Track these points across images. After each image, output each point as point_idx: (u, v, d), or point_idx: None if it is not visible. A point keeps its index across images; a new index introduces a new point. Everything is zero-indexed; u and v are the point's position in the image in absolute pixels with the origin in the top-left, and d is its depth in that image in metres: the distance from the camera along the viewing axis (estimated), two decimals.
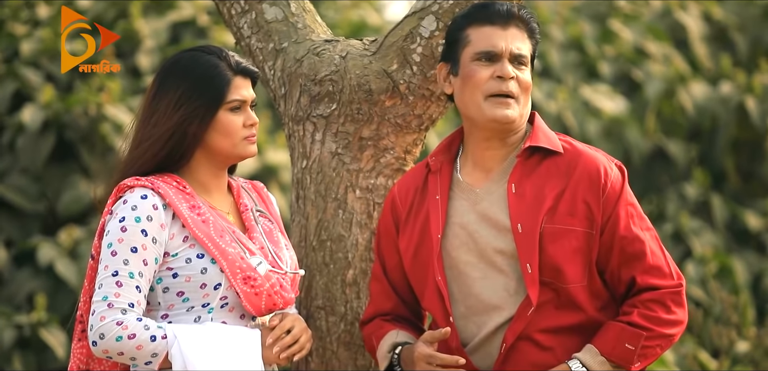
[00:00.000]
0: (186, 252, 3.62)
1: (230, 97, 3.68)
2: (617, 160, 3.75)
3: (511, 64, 3.68)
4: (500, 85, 3.67)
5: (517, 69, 3.68)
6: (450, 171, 3.80)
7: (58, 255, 7.27)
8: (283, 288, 3.71)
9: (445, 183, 3.78)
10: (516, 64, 3.68)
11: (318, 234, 4.13)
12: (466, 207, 3.74)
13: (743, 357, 7.09)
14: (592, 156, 3.71)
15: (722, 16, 11.33)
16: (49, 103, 7.70)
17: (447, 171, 3.80)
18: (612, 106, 10.07)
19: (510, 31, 3.69)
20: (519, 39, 3.69)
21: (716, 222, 9.71)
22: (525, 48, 3.70)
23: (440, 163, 3.81)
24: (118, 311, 3.53)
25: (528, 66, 3.70)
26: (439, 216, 3.74)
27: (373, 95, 4.07)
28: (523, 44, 3.70)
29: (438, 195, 3.77)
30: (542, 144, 3.70)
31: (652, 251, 3.67)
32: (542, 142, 3.71)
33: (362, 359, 4.13)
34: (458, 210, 3.75)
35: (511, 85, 3.67)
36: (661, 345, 3.66)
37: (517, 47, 3.68)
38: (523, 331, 3.65)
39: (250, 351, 3.61)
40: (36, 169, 7.64)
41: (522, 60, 3.69)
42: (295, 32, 4.20)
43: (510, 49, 3.67)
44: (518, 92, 3.68)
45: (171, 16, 9.01)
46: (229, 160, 3.75)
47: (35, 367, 6.99)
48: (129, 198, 3.60)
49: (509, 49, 3.67)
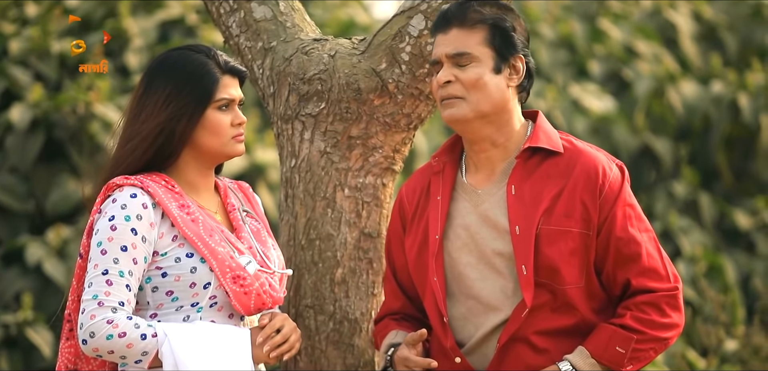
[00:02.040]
0: (175, 251, 3.62)
1: (218, 96, 3.68)
2: (619, 160, 3.73)
3: (453, 65, 3.66)
4: (441, 91, 3.68)
5: (460, 69, 3.66)
6: (453, 171, 3.80)
7: (46, 254, 7.25)
8: (272, 287, 3.71)
9: (447, 184, 3.78)
10: (456, 65, 3.66)
11: (307, 233, 4.13)
12: (469, 208, 3.74)
13: (732, 356, 7.10)
14: (591, 156, 3.69)
15: (712, 16, 11.35)
16: (38, 102, 7.68)
17: (450, 171, 3.79)
18: (600, 105, 10.08)
19: (451, 34, 3.68)
20: (459, 39, 3.66)
21: (705, 221, 9.72)
22: (467, 45, 3.65)
23: (443, 164, 3.81)
24: (109, 309, 3.53)
25: (475, 60, 3.65)
26: (439, 217, 3.74)
27: (362, 94, 4.06)
28: (465, 41, 3.65)
29: (439, 196, 3.77)
30: (542, 144, 3.69)
31: (648, 253, 3.66)
32: (542, 142, 3.69)
33: (351, 357, 4.13)
34: (461, 211, 3.75)
35: (449, 89, 3.66)
36: (655, 348, 3.65)
37: (453, 48, 3.66)
38: (518, 333, 3.64)
39: (241, 350, 3.61)
40: (24, 168, 7.62)
41: (461, 58, 3.65)
42: (283, 31, 4.19)
43: (445, 53, 3.67)
44: (462, 91, 3.66)
45: (159, 15, 9.00)
46: (217, 158, 3.75)
47: (22, 366, 6.98)
48: (118, 196, 3.60)
49: (445, 53, 3.67)
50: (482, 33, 3.66)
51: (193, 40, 8.58)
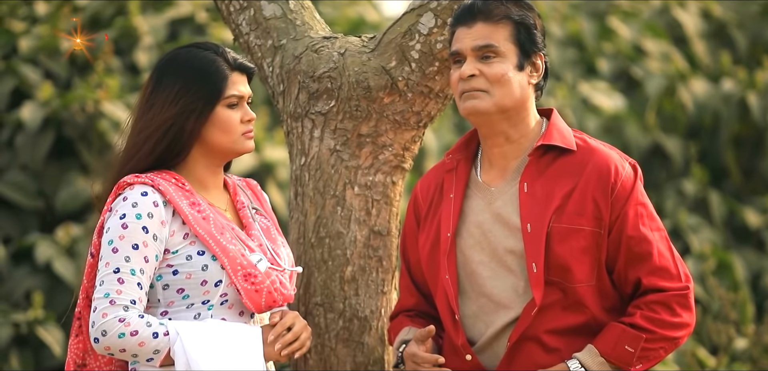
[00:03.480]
0: (186, 249, 3.62)
1: (228, 93, 3.68)
2: (632, 159, 3.72)
3: (478, 59, 3.65)
4: (464, 84, 3.67)
5: (484, 63, 3.65)
6: (467, 169, 3.79)
7: (55, 253, 7.25)
8: (283, 285, 3.71)
9: (460, 181, 3.77)
10: (482, 58, 3.66)
11: (316, 231, 4.13)
12: (482, 206, 3.74)
13: (742, 355, 7.08)
14: (604, 154, 3.68)
15: (721, 14, 11.33)
16: (48, 101, 7.69)
17: (464, 169, 3.79)
18: (610, 104, 10.07)
19: (476, 28, 3.67)
20: (484, 32, 3.66)
21: (715, 219, 9.70)
22: (494, 38, 3.65)
23: (457, 161, 3.81)
24: (121, 308, 3.53)
25: (500, 55, 3.65)
26: (452, 214, 3.74)
27: (372, 92, 4.06)
28: (492, 35, 3.65)
29: (452, 194, 3.77)
30: (555, 142, 3.68)
31: (659, 252, 3.64)
32: (555, 139, 3.69)
33: (361, 355, 4.13)
34: (474, 209, 3.75)
35: (473, 82, 3.65)
36: (665, 347, 3.64)
37: (480, 40, 3.65)
38: (529, 331, 3.64)
39: (253, 348, 3.61)
40: (34, 166, 7.63)
41: (488, 51, 3.65)
42: (293, 29, 4.19)
43: (471, 46, 3.66)
44: (487, 85, 3.66)
45: (169, 13, 9.00)
46: (227, 155, 3.75)
47: (32, 365, 6.98)
48: (129, 195, 3.60)
49: (470, 46, 3.66)
50: (508, 29, 3.67)
51: (202, 38, 8.57)
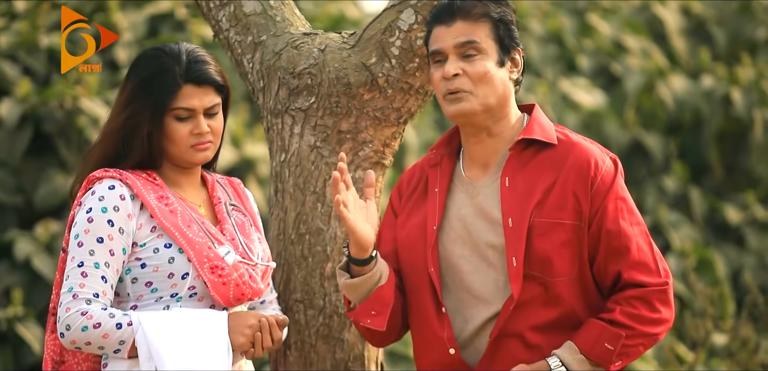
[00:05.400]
0: (154, 242, 3.64)
1: (174, 106, 3.68)
2: (612, 153, 3.72)
3: (460, 57, 3.64)
4: (447, 84, 3.66)
5: (467, 61, 3.65)
6: (451, 164, 3.79)
7: (35, 249, 7.23)
8: (253, 278, 3.73)
9: (445, 176, 3.77)
10: (464, 56, 3.65)
11: (296, 228, 4.12)
12: (465, 200, 3.73)
13: (721, 350, 7.11)
14: (585, 148, 3.68)
15: (701, 10, 11.36)
16: (27, 97, 7.66)
17: (448, 164, 3.79)
18: (590, 100, 10.09)
19: (455, 26, 3.65)
20: (465, 29, 3.65)
21: (695, 215, 9.73)
22: (475, 34, 3.64)
23: (440, 156, 3.81)
24: (83, 301, 3.55)
25: (482, 52, 3.64)
26: (436, 208, 3.74)
27: (352, 88, 4.06)
28: (472, 32, 3.64)
29: (437, 188, 3.76)
30: (536, 136, 3.69)
31: (638, 246, 3.64)
32: (536, 133, 3.69)
33: (340, 352, 4.12)
34: (457, 203, 3.74)
35: (457, 82, 3.64)
36: (644, 343, 3.63)
37: (462, 37, 3.64)
38: (511, 328, 3.63)
39: (216, 332, 3.62)
40: (13, 162, 7.60)
41: (470, 48, 3.64)
42: (273, 25, 4.18)
43: (453, 44, 3.65)
44: (470, 85, 3.65)
45: (149, 9, 8.97)
46: (179, 164, 3.74)
47: (12, 362, 6.96)
48: (97, 189, 3.64)
49: (452, 44, 3.65)
50: (488, 26, 3.66)
51: (182, 35, 8.56)
